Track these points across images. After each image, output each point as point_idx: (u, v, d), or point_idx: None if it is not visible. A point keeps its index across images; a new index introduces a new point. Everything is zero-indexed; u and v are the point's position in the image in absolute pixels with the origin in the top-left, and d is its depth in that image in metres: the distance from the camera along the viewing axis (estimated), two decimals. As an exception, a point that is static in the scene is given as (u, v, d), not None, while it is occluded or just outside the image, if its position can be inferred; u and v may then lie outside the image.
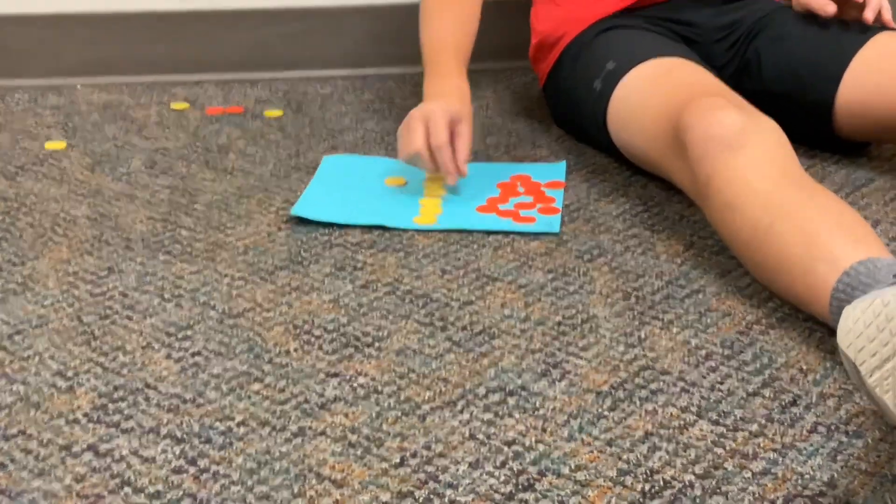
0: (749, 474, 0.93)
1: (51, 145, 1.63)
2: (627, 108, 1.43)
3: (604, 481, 0.92)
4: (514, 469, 0.93)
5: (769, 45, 1.56)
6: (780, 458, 0.95)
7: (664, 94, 1.35)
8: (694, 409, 1.01)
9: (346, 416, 1.00)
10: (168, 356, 1.10)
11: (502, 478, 0.92)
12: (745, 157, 1.17)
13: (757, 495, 0.90)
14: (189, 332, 1.14)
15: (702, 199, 1.23)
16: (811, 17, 1.55)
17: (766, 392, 1.04)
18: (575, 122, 1.61)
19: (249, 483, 0.92)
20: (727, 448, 0.96)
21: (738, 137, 1.18)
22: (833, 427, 0.99)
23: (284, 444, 0.97)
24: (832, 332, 1.13)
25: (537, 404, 1.02)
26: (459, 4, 1.54)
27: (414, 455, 0.95)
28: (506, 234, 1.35)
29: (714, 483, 0.92)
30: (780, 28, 1.56)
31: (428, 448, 0.96)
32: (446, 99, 1.41)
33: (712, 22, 1.59)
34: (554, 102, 1.67)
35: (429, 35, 1.51)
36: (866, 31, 1.50)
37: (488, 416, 1.00)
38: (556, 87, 1.63)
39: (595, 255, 1.31)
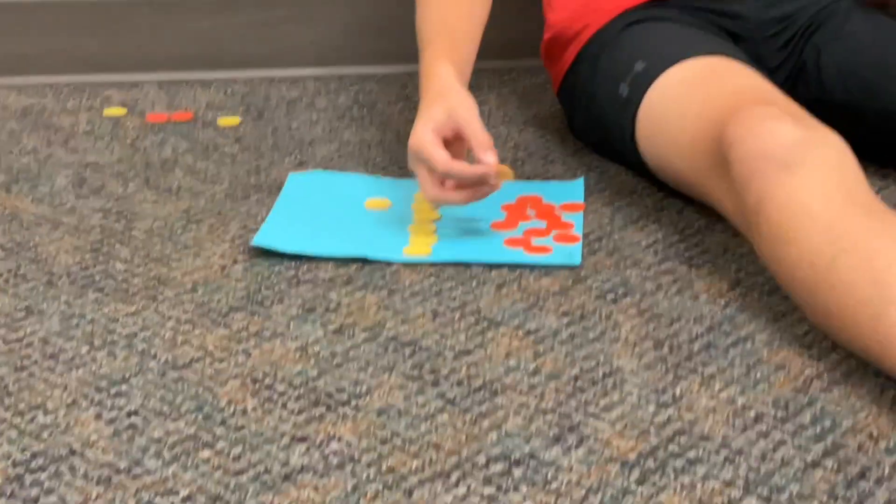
0: (808, 562, 0.93)
1: (-43, 159, 1.64)
2: (660, 117, 1.44)
3: (630, 570, 0.92)
4: (521, 555, 0.94)
5: (831, 43, 1.58)
6: (846, 543, 0.95)
7: (705, 101, 1.36)
8: (741, 482, 1.02)
9: (316, 489, 1.01)
10: (98, 416, 1.10)
11: (506, 566, 0.93)
12: (803, 178, 1.18)
13: (817, 588, 0.91)
14: (124, 387, 1.14)
15: (750, 229, 1.24)
16: (881, 10, 1.57)
17: (829, 462, 1.04)
18: (596, 132, 1.62)
19: (197, 571, 0.92)
20: (781, 530, 0.97)
21: (794, 154, 1.19)
22: (910, 505, 0.99)
23: (240, 524, 0.97)
24: (909, 389, 1.14)
25: (549, 476, 1.02)
26: None
27: (398, 538, 0.95)
28: (513, 267, 1.36)
29: (765, 573, 0.92)
30: (844, 23, 1.58)
31: (415, 529, 0.96)
32: (425, 108, 1.39)
33: (762, 14, 1.61)
34: (570, 109, 1.68)
35: (420, 22, 1.50)
36: None
37: (489, 490, 1.01)
38: (573, 92, 1.64)
39: (620, 294, 1.31)
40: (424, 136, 1.35)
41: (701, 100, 1.37)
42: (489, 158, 1.33)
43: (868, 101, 1.53)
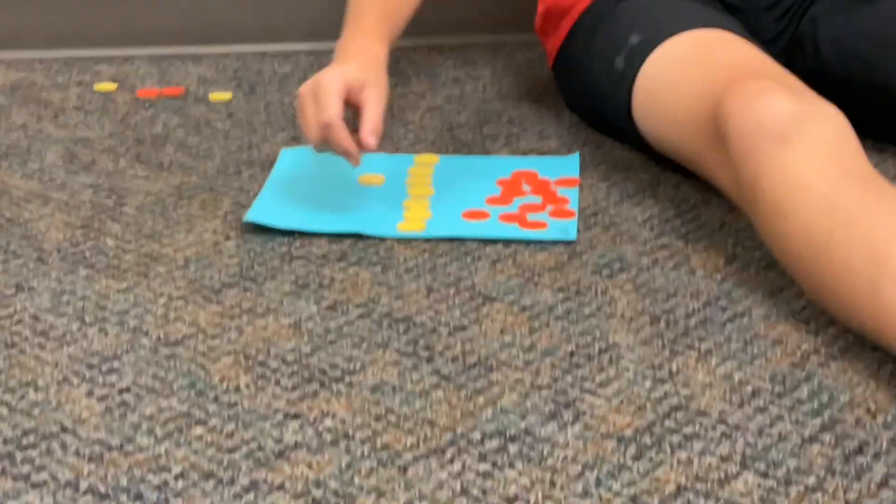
0: (805, 538, 0.93)
1: (-54, 135, 1.64)
2: (656, 90, 1.43)
3: (627, 547, 0.92)
4: (517, 532, 0.94)
5: (828, 15, 1.57)
6: (844, 519, 0.95)
7: (702, 74, 1.35)
8: (737, 457, 1.02)
9: (310, 466, 1.00)
10: (90, 393, 1.10)
11: (502, 542, 0.92)
12: (800, 151, 1.18)
13: (815, 564, 0.91)
14: (116, 364, 1.14)
15: (747, 203, 1.24)
16: None
17: (826, 437, 1.04)
18: (591, 107, 1.61)
19: (190, 549, 0.92)
20: (778, 506, 0.96)
21: (791, 127, 1.19)
22: (908, 480, 0.99)
23: (233, 501, 0.96)
24: (907, 363, 1.13)
25: (545, 452, 1.02)
26: None
27: (393, 514, 0.95)
28: (508, 243, 1.36)
29: (762, 549, 0.92)
30: None
31: (410, 506, 0.96)
32: (344, 62, 1.39)
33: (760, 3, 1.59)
34: (565, 84, 1.68)
35: None
36: None
37: (484, 466, 1.00)
38: (567, 66, 1.64)
39: (616, 269, 1.31)
40: (333, 82, 1.34)
41: (696, 74, 1.36)
42: (371, 141, 1.33)
43: (865, 75, 1.52)
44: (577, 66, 1.60)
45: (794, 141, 1.18)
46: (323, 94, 1.34)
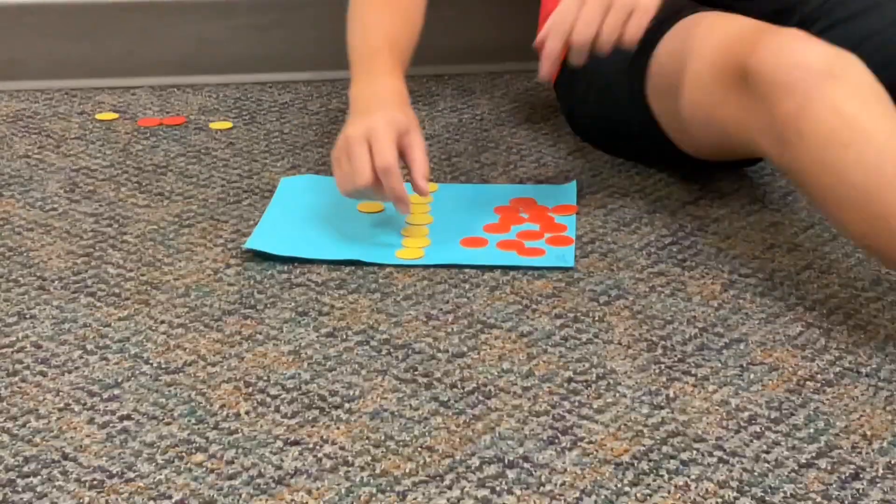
0: (802, 563, 0.93)
1: (-52, 164, 1.64)
2: (672, 60, 1.43)
3: (624, 572, 0.92)
4: (515, 557, 0.94)
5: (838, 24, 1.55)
6: (840, 544, 0.95)
7: (723, 29, 1.35)
8: (734, 483, 1.02)
9: (310, 492, 1.01)
10: (91, 420, 1.10)
11: (500, 568, 0.93)
12: (848, 89, 1.20)
13: (811, 588, 0.91)
14: (117, 392, 1.14)
15: (782, 142, 1.23)
16: None
17: (822, 463, 1.05)
18: (598, 111, 1.59)
19: (190, 575, 0.92)
20: (775, 531, 0.97)
21: (835, 66, 1.20)
22: (904, 505, 0.99)
23: (233, 528, 0.97)
24: (902, 389, 1.14)
25: (543, 478, 1.03)
26: None
27: (392, 540, 0.95)
28: (506, 270, 1.36)
29: (759, 574, 0.92)
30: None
31: (409, 532, 0.96)
32: (385, 107, 1.39)
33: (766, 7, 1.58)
34: (569, 96, 1.65)
35: (356, 30, 1.49)
36: None
37: (483, 492, 1.01)
38: (573, 76, 1.62)
39: (613, 296, 1.32)
40: (387, 128, 1.35)
41: (716, 30, 1.36)
42: (424, 186, 1.36)
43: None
44: (584, 72, 1.59)
45: (841, 78, 1.20)
46: (380, 139, 1.34)
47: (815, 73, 1.21)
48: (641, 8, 1.35)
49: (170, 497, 1.00)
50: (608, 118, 1.59)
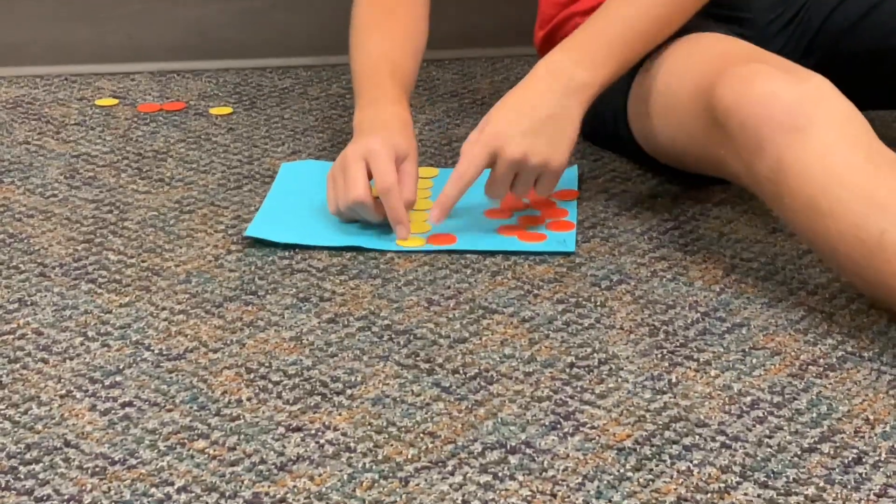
0: (805, 548, 0.93)
1: (-52, 151, 1.64)
2: (652, 89, 1.42)
3: (627, 557, 0.92)
4: (518, 543, 0.94)
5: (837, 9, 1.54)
6: (843, 528, 0.95)
7: (694, 69, 1.34)
8: (737, 468, 1.02)
9: (312, 479, 1.01)
10: (92, 407, 1.10)
11: (503, 554, 0.93)
12: (817, 140, 1.16)
13: (814, 573, 0.91)
14: (118, 378, 1.14)
15: (768, 196, 1.22)
16: None
17: (825, 447, 1.04)
18: (589, 117, 1.61)
19: (193, 562, 0.92)
20: (778, 516, 0.97)
21: (800, 115, 1.17)
22: (907, 489, 0.99)
23: (236, 515, 0.97)
24: (904, 373, 1.14)
25: (545, 464, 1.02)
26: (398, 18, 1.51)
27: (395, 527, 0.95)
28: (507, 255, 1.36)
29: (762, 559, 0.92)
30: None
31: (412, 518, 0.96)
32: (386, 131, 1.39)
33: (767, 16, 1.57)
34: None
35: (360, 56, 1.49)
36: None
37: (485, 478, 1.01)
38: None
39: (615, 281, 1.31)
40: (388, 151, 1.35)
41: (689, 69, 1.35)
42: (405, 216, 1.36)
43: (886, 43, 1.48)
44: None
45: (807, 129, 1.17)
46: (381, 161, 1.35)
47: (781, 131, 1.17)
48: (551, 171, 1.36)
49: (172, 484, 1.00)
50: (598, 129, 1.57)
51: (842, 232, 1.15)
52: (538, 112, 1.35)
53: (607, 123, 1.53)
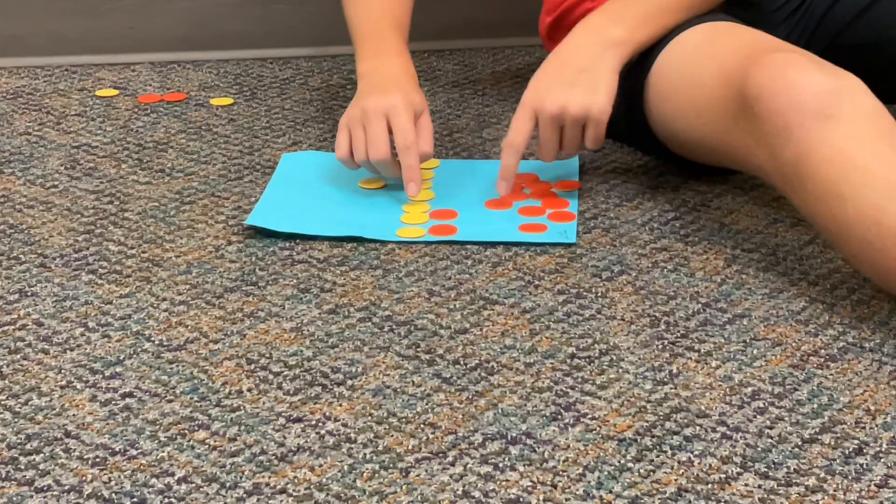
0: (805, 538, 0.93)
1: (-52, 141, 1.64)
2: (673, 78, 1.41)
3: (628, 548, 0.92)
4: (518, 534, 0.94)
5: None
6: (844, 519, 0.95)
7: (718, 55, 1.34)
8: (738, 459, 1.02)
9: (312, 469, 1.01)
10: (93, 398, 1.10)
11: (503, 544, 0.93)
12: (845, 129, 1.17)
13: (815, 564, 0.91)
14: (119, 369, 1.14)
15: (789, 183, 1.22)
16: None
17: (826, 438, 1.04)
18: None
19: (193, 553, 0.92)
20: (778, 507, 0.97)
21: (829, 104, 1.18)
22: (907, 480, 0.99)
23: (236, 505, 0.97)
24: (906, 364, 1.14)
25: (546, 454, 1.02)
26: None
27: (395, 517, 0.95)
28: (508, 246, 1.36)
29: (763, 549, 0.92)
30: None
31: (412, 509, 0.96)
32: (403, 87, 1.42)
33: (774, 2, 1.57)
34: None
35: (359, 6, 1.51)
36: None
37: (486, 469, 1.01)
38: None
39: (616, 272, 1.31)
40: (407, 108, 1.39)
41: (712, 57, 1.35)
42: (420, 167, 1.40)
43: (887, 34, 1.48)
44: None
45: (836, 117, 1.17)
46: (402, 118, 1.38)
47: (810, 116, 1.18)
48: (595, 117, 1.38)
49: (172, 474, 1.00)
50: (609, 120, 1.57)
51: (861, 216, 1.15)
52: (573, 64, 1.39)
53: (618, 104, 1.52)
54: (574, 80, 1.38)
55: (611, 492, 0.98)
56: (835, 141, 1.17)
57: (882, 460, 1.01)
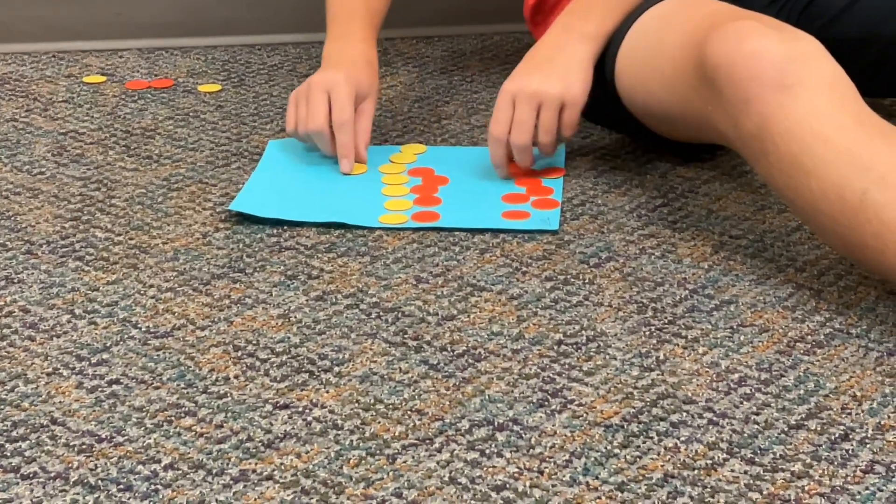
0: (791, 524, 0.93)
1: (-65, 128, 1.63)
2: (640, 51, 1.41)
3: (614, 534, 0.92)
4: (505, 520, 0.93)
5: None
6: (829, 505, 0.95)
7: (682, 26, 1.34)
8: (724, 445, 1.02)
9: (299, 456, 1.00)
10: (79, 385, 1.10)
11: (490, 531, 0.93)
12: (805, 99, 1.16)
13: (801, 550, 0.91)
14: (105, 356, 1.14)
15: (753, 153, 1.22)
16: None
17: (812, 424, 1.05)
18: None
19: (179, 539, 0.92)
20: (764, 492, 0.96)
21: (788, 73, 1.17)
22: (893, 466, 0.99)
23: (223, 492, 0.96)
24: (891, 351, 1.14)
25: (532, 441, 1.02)
26: None
27: (382, 504, 0.95)
28: (496, 233, 1.36)
29: (748, 535, 0.92)
30: None
31: (399, 495, 0.96)
32: (352, 68, 1.47)
33: None
34: None
35: None
36: None
37: (473, 455, 1.01)
38: None
39: (603, 258, 1.31)
40: (349, 86, 1.44)
41: (678, 27, 1.34)
42: (363, 153, 1.47)
43: (877, 29, 1.47)
44: None
45: (795, 87, 1.16)
46: (341, 95, 1.44)
47: (770, 87, 1.17)
48: (570, 101, 1.41)
49: (159, 461, 1.00)
50: (591, 101, 1.56)
51: (824, 191, 1.15)
52: (549, 58, 1.43)
53: (598, 92, 1.51)
54: (549, 69, 1.42)
55: (597, 478, 0.98)
56: (795, 113, 1.16)
57: (868, 446, 1.01)
